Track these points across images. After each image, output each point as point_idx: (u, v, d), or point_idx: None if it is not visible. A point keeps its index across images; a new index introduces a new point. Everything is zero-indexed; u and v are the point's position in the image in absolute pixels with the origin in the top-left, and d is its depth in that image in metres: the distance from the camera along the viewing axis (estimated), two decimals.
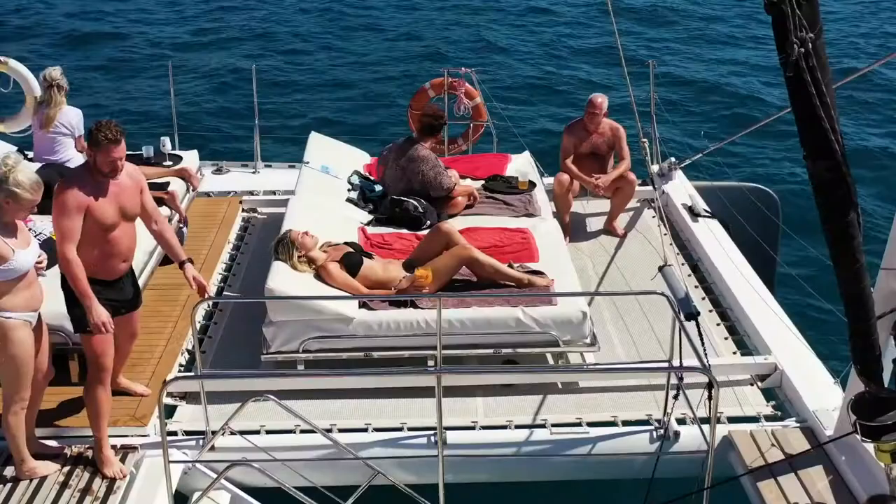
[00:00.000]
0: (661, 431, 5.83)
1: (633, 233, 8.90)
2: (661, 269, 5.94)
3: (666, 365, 5.79)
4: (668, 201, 9.07)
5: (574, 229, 8.85)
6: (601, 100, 8.72)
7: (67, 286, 5.44)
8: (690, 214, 8.68)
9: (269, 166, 10.27)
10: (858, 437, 4.93)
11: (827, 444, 5.63)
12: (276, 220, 8.02)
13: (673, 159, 9.40)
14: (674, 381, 5.65)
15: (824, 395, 6.01)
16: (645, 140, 8.70)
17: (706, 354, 5.29)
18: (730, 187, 9.24)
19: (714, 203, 8.86)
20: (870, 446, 5.09)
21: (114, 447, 5.70)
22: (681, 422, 5.92)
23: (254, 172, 10.08)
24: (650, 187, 9.11)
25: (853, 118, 15.46)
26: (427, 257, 6.78)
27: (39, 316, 5.41)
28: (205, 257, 8.13)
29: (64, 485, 5.43)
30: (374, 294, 6.53)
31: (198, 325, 6.90)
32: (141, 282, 6.84)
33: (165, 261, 7.87)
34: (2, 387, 5.40)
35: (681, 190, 9.18)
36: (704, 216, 8.61)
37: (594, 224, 9.07)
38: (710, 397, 4.85)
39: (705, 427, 5.03)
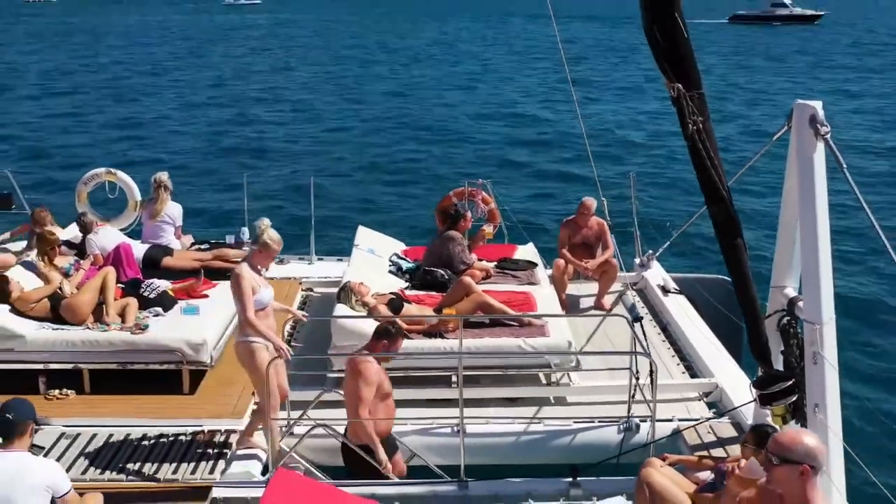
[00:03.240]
0: (626, 424, 7.78)
1: (618, 308, 10.94)
2: (620, 295, 8.03)
3: (626, 364, 7.73)
4: (647, 284, 11.22)
5: (570, 305, 10.92)
6: (590, 202, 11.00)
7: (350, 457, 6.83)
8: (662, 291, 10.81)
9: (322, 259, 12.43)
10: (758, 403, 6.95)
11: (735, 409, 7.83)
12: (329, 298, 10.08)
13: (650, 251, 11.60)
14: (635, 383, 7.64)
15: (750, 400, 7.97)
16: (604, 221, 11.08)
17: (648, 346, 7.33)
18: (703, 278, 11.41)
19: (690, 290, 10.94)
20: (769, 415, 7.07)
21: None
22: (642, 420, 7.87)
23: (309, 263, 12.26)
24: (632, 273, 11.27)
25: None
26: (451, 303, 8.92)
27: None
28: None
29: (188, 448, 7.48)
30: (413, 327, 8.61)
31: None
32: (224, 338, 8.90)
33: None
34: (257, 397, 7.27)
35: (657, 275, 11.33)
36: (673, 293, 10.74)
37: (585, 302, 11.16)
38: (651, 381, 6.89)
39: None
